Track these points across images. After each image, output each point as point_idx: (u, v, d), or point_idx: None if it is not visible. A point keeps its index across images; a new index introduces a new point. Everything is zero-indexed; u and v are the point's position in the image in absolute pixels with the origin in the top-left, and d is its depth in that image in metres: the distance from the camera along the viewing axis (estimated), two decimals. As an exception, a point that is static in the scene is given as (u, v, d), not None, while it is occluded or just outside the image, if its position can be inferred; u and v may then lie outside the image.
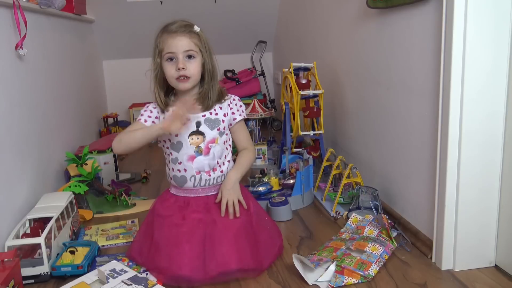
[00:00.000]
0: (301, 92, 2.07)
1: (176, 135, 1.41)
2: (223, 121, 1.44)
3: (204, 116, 1.43)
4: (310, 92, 2.12)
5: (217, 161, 1.44)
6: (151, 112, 1.44)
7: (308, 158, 1.93)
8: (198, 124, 1.42)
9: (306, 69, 2.22)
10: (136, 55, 3.16)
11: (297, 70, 2.21)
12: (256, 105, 2.57)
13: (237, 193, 1.42)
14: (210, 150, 1.42)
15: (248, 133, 1.55)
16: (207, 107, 1.43)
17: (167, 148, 1.45)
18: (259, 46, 3.59)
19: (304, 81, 2.20)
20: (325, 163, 2.01)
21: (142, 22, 3.19)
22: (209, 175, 1.43)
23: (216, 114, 1.44)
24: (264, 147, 2.44)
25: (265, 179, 1.97)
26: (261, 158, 2.43)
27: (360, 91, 1.91)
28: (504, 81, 1.22)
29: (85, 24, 3.00)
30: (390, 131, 1.64)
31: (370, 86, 1.79)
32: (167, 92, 1.45)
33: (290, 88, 2.17)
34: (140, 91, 3.20)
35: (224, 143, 1.46)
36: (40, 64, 1.97)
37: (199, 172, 1.42)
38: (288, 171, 2.02)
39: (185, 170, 1.42)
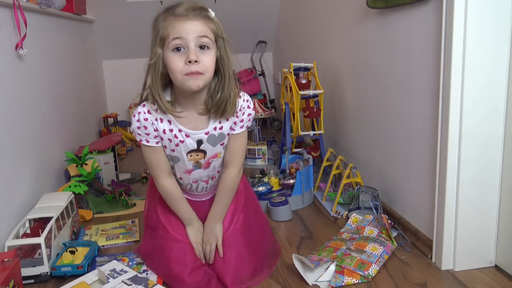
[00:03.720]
0: (301, 92, 2.07)
1: (173, 151, 1.21)
2: (228, 134, 1.23)
3: (207, 133, 1.19)
4: (310, 92, 2.12)
5: (217, 170, 1.32)
6: (146, 128, 1.18)
7: (308, 158, 1.93)
8: (200, 142, 1.20)
9: (306, 69, 2.22)
10: (136, 55, 3.15)
11: (297, 70, 2.21)
12: (256, 105, 2.57)
13: (218, 236, 1.28)
14: (210, 164, 1.26)
15: (243, 146, 1.27)
16: (221, 115, 1.16)
17: None
18: (259, 46, 3.59)
19: (304, 81, 2.20)
20: (325, 163, 2.01)
21: (142, 22, 3.15)
22: (207, 183, 1.34)
23: (221, 128, 1.20)
24: (264, 147, 2.44)
25: (265, 179, 1.97)
26: (261, 158, 2.43)
27: (360, 91, 1.91)
28: (504, 80, 1.22)
29: (85, 24, 3.00)
30: (390, 131, 1.64)
31: (370, 86, 1.79)
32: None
33: (290, 88, 2.17)
34: (140, 91, 3.20)
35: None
36: (40, 64, 1.97)
37: (197, 181, 1.31)
38: (288, 171, 2.02)
39: (180, 178, 1.31)
